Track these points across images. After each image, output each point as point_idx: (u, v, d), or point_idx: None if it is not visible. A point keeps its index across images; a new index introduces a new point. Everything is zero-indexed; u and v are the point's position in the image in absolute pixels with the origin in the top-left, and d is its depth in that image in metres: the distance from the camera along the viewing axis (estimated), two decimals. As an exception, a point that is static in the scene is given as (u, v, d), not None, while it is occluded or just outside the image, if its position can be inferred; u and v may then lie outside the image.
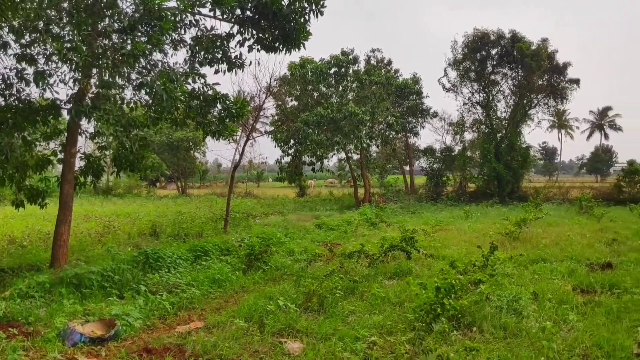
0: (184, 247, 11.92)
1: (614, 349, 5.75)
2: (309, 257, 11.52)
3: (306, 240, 15.00)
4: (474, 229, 17.62)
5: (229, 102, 12.20)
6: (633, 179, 32.83)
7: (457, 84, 36.96)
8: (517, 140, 36.15)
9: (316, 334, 6.53)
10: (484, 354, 5.52)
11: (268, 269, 10.74)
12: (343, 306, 7.63)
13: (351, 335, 6.31)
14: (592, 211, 22.14)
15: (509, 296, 7.45)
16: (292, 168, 26.10)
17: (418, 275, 9.57)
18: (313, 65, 27.00)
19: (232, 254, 11.95)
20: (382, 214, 21.86)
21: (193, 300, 8.42)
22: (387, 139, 35.49)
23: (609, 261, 10.94)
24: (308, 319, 7.09)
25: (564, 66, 35.12)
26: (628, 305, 7.50)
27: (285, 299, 7.76)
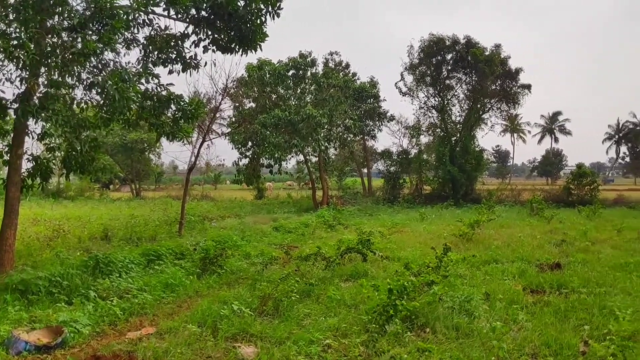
0: (136, 251, 11.64)
1: (561, 348, 5.92)
2: (265, 261, 11.44)
3: (263, 243, 14.88)
4: (429, 231, 17.89)
5: (184, 103, 12.01)
6: (581, 182, 33.98)
7: (414, 88, 37.52)
8: (471, 143, 36.98)
9: (271, 338, 6.47)
10: (437, 354, 5.59)
11: (223, 272, 10.59)
12: (299, 309, 7.60)
13: (306, 338, 6.28)
14: (543, 213, 22.83)
15: (462, 297, 7.59)
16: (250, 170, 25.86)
17: (374, 277, 9.64)
18: (271, 67, 26.88)
19: (187, 258, 11.76)
20: (340, 216, 21.94)
21: (145, 306, 8.21)
22: (345, 142, 35.70)
23: (558, 262, 11.29)
24: (263, 323, 7.03)
25: (516, 72, 36.13)
26: (575, 304, 7.75)
27: (240, 303, 7.68)
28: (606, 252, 12.78)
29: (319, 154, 29.49)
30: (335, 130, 30.51)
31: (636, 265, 10.74)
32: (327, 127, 26.79)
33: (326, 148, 28.46)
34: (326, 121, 25.75)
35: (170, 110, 12.20)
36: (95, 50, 9.75)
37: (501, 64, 35.05)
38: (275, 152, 24.05)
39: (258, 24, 11.05)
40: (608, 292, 8.51)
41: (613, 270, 10.40)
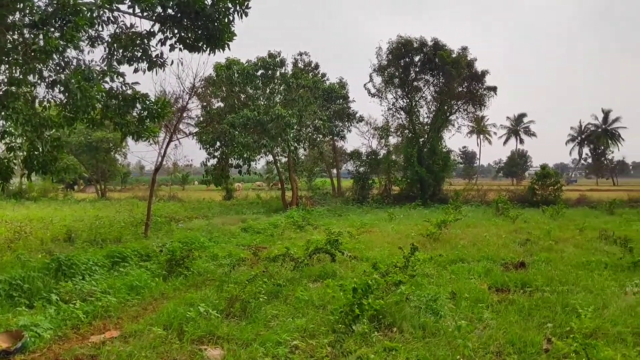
0: (100, 253, 11.39)
1: (525, 345, 6.02)
2: (233, 262, 11.34)
3: (231, 245, 14.75)
4: (397, 231, 18.02)
5: (150, 102, 11.80)
6: (545, 182, 34.73)
7: (382, 90, 37.77)
8: (439, 144, 37.44)
9: (238, 339, 6.42)
10: (403, 353, 5.62)
11: (190, 274, 10.45)
12: (266, 310, 7.55)
13: (273, 339, 6.24)
14: (508, 213, 23.26)
15: (428, 296, 7.66)
16: (218, 171, 25.56)
17: (342, 277, 9.65)
18: (239, 66, 26.68)
19: (153, 260, 11.56)
20: (309, 217, 21.92)
21: (109, 309, 8.04)
22: (315, 142, 35.73)
23: (522, 260, 11.50)
24: (230, 325, 6.96)
25: (482, 74, 36.71)
26: (539, 302, 7.90)
27: (207, 305, 7.58)
28: (569, 251, 13.08)
29: (289, 154, 29.40)
30: (305, 131, 30.49)
31: (597, 264, 11.03)
32: (296, 127, 26.72)
33: (295, 148, 28.39)
34: (295, 121, 25.68)
35: (135, 109, 11.97)
36: (58, 48, 9.51)
37: (467, 66, 35.60)
38: (244, 152, 23.86)
39: (226, 23, 10.91)
40: (570, 290, 8.71)
41: (575, 268, 10.64)
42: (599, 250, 13.09)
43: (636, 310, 7.32)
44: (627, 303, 7.73)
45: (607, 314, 7.18)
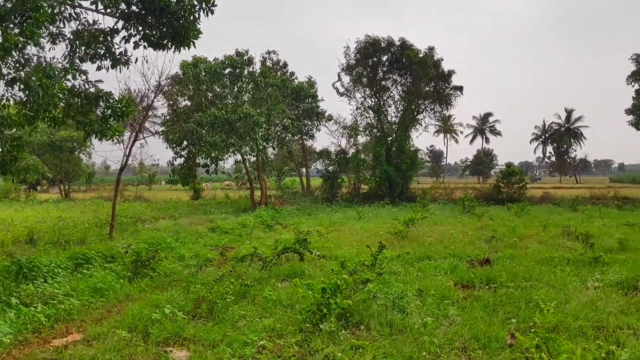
0: (63, 255, 11.11)
1: (489, 341, 6.10)
2: (200, 262, 11.20)
3: (198, 245, 14.57)
4: (366, 229, 18.11)
5: (113, 101, 11.56)
6: (510, 180, 35.40)
7: (351, 89, 37.94)
8: (407, 143, 37.78)
9: (204, 341, 6.35)
10: (370, 351, 5.64)
11: (156, 275, 10.27)
12: (234, 311, 7.47)
13: (240, 340, 6.18)
14: (474, 210, 23.66)
15: (395, 294, 7.70)
16: (186, 170, 25.29)
17: (311, 276, 9.64)
18: (206, 64, 26.39)
19: (118, 261, 11.33)
20: (278, 216, 21.86)
21: (72, 312, 7.83)
22: (284, 141, 35.63)
23: (488, 257, 11.69)
24: (196, 326, 6.87)
25: (449, 74, 37.18)
26: (503, 298, 8.03)
27: (173, 306, 7.47)
28: (533, 248, 13.36)
29: (257, 153, 29.24)
30: (274, 130, 30.37)
31: (560, 260, 11.28)
32: (265, 126, 26.59)
33: (264, 147, 28.24)
34: (264, 120, 25.55)
35: (99, 108, 11.70)
36: (17, 44, 9.25)
37: (434, 66, 36.02)
38: (211, 152, 23.64)
39: (191, 21, 10.74)
40: (534, 286, 8.89)
41: (539, 264, 10.86)
42: (561, 247, 13.40)
43: (596, 305, 7.50)
44: (588, 298, 7.92)
45: (569, 308, 7.34)
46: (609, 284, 8.87)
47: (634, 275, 9.26)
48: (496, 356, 5.66)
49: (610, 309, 7.36)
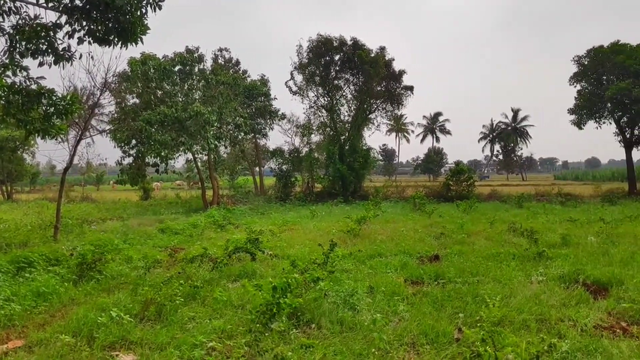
0: (4, 259, 10.63)
1: (437, 336, 6.21)
2: (149, 264, 10.94)
3: (147, 246, 14.22)
4: (319, 228, 18.15)
5: (56, 98, 11.15)
6: (459, 178, 36.26)
7: (304, 88, 37.98)
8: (359, 142, 38.13)
9: (152, 344, 6.20)
10: (321, 349, 5.64)
11: (102, 278, 9.96)
12: (183, 313, 7.33)
13: (189, 342, 6.07)
14: (424, 208, 24.11)
15: (346, 291, 7.74)
16: (134, 170, 24.69)
17: (262, 276, 9.58)
18: (155, 62, 25.81)
19: (62, 264, 10.92)
20: (231, 216, 21.63)
21: (12, 317, 7.49)
22: (236, 140, 35.29)
23: (437, 254, 11.92)
24: (144, 329, 6.70)
25: (400, 74, 37.75)
26: (451, 293, 8.20)
27: (120, 309, 7.25)
28: (480, 244, 13.71)
29: (209, 152, 28.84)
30: (226, 128, 29.99)
31: (506, 255, 11.60)
32: (216, 125, 26.24)
33: (216, 146, 27.85)
34: (215, 119, 25.21)
35: (41, 105, 11.27)
36: (-49, 38, 8.80)
37: (386, 66, 36.49)
38: (161, 151, 23.15)
39: (138, 16, 10.48)
40: (481, 281, 9.11)
41: (486, 260, 11.15)
42: (507, 242, 13.80)
43: (540, 299, 7.75)
44: (532, 292, 8.18)
45: (514, 302, 7.55)
46: (552, 278, 9.19)
47: (575, 269, 9.62)
48: (444, 351, 5.76)
49: (552, 302, 7.62)
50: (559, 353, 5.41)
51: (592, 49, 39.10)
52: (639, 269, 9.78)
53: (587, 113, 39.04)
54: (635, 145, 38.56)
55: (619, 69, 36.53)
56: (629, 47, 37.29)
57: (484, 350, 4.39)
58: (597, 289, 8.51)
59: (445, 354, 5.64)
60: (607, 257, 11.21)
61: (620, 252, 11.58)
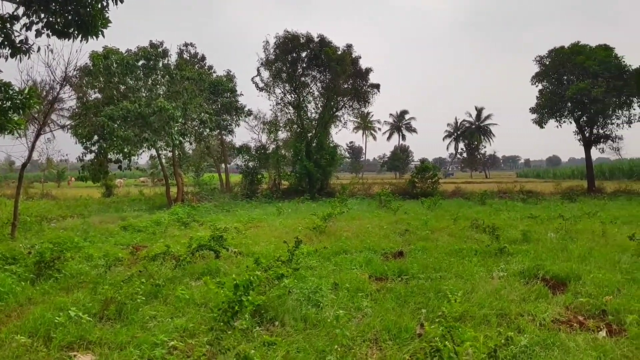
0: (-43, 257, 10.27)
1: (400, 331, 6.25)
2: (109, 262, 10.72)
3: (108, 244, 13.92)
4: (285, 225, 18.11)
5: (13, 92, 10.79)
6: (424, 176, 36.75)
7: (270, 84, 37.84)
8: (326, 139, 38.23)
9: (111, 343, 6.07)
10: (284, 346, 5.62)
11: (61, 277, 9.69)
12: (144, 312, 7.20)
13: (150, 341, 5.96)
14: (390, 205, 24.33)
15: (310, 288, 7.73)
16: (96, 166, 24.13)
17: (226, 274, 9.48)
18: (118, 56, 25.27)
19: (19, 263, 10.58)
20: (195, 213, 21.38)
21: (-35, 319, 7.26)
22: (201, 137, 34.91)
23: (401, 250, 12.05)
24: (103, 329, 6.56)
25: (366, 71, 37.96)
26: (414, 289, 8.27)
27: (79, 308, 7.08)
28: (443, 240, 13.90)
29: (173, 148, 28.43)
30: (190, 124, 29.61)
31: (468, 251, 11.79)
32: (181, 120, 25.87)
33: (180, 142, 27.48)
34: (180, 114, 24.85)
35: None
36: None
37: (352, 64, 36.65)
38: (124, 147, 22.71)
39: (99, 9, 10.22)
40: (443, 277, 9.23)
41: (448, 256, 11.30)
42: (470, 239, 14.03)
43: (501, 294, 7.90)
44: (493, 287, 8.33)
45: (475, 297, 7.68)
46: (512, 274, 9.37)
47: (535, 265, 9.82)
48: (406, 346, 5.81)
49: (512, 297, 7.77)
50: (517, 347, 5.52)
51: (553, 49, 40.09)
52: (596, 264, 10.04)
53: (548, 112, 39.99)
54: (594, 144, 39.72)
55: (578, 70, 37.56)
56: (589, 48, 38.37)
57: (442, 346, 4.44)
58: (556, 284, 8.72)
59: (407, 350, 5.69)
60: (565, 252, 11.48)
61: (578, 248, 11.88)
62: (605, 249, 11.84)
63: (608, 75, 35.62)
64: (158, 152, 29.29)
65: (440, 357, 4.37)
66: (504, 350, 5.02)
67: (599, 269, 9.59)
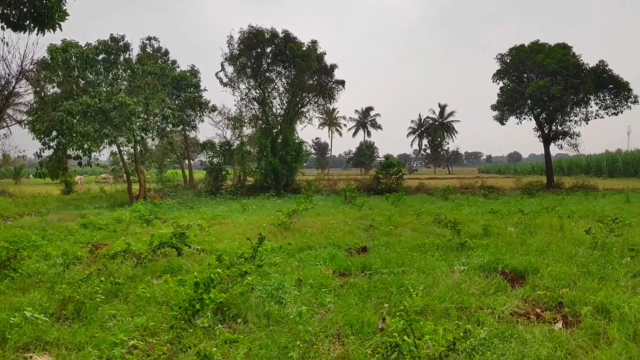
0: None
1: (362, 326, 6.30)
2: (68, 261, 10.45)
3: (67, 242, 13.58)
4: (249, 222, 18.00)
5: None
6: (389, 172, 37.08)
7: (235, 79, 37.56)
8: (292, 135, 38.16)
9: (69, 344, 5.93)
10: (246, 343, 5.59)
11: (17, 276, 9.40)
12: (103, 311, 7.06)
13: (109, 341, 5.84)
14: (355, 201, 24.49)
15: (274, 285, 7.71)
16: (55, 162, 23.49)
17: (188, 271, 9.39)
18: (77, 49, 24.60)
19: (-27, 262, 10.24)
20: (158, 210, 21.07)
21: None
22: (164, 132, 34.36)
23: (365, 245, 12.13)
24: (61, 329, 6.40)
25: (331, 68, 38.03)
26: (377, 284, 8.35)
27: (35, 308, 6.89)
28: (406, 235, 14.08)
29: (134, 144, 27.90)
30: (153, 120, 29.09)
31: (430, 246, 11.95)
32: (142, 116, 25.40)
33: (142, 138, 26.96)
34: (141, 110, 24.39)
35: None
36: None
37: (317, 60, 36.65)
38: (83, 143, 22.18)
39: (55, 1, 9.94)
40: (406, 271, 9.33)
41: (411, 251, 11.44)
42: (432, 233, 14.25)
43: (461, 288, 8.04)
44: (454, 281, 8.47)
45: (437, 291, 7.80)
46: (473, 268, 9.54)
47: (495, 259, 10.03)
48: (368, 341, 5.86)
49: (472, 290, 7.92)
50: (477, 340, 5.63)
51: (514, 47, 40.96)
52: (554, 258, 10.31)
53: (509, 109, 40.85)
54: (553, 141, 40.80)
55: (538, 68, 38.48)
56: (548, 46, 39.35)
57: (401, 340, 4.50)
58: (515, 278, 8.92)
59: (369, 344, 5.75)
60: (524, 246, 11.76)
61: (536, 242, 12.18)
62: (562, 242, 12.16)
63: (566, 73, 36.59)
64: (119, 148, 28.71)
65: (399, 351, 4.42)
66: (463, 343, 5.11)
67: (556, 262, 9.86)
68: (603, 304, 6.96)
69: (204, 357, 4.44)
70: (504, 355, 5.37)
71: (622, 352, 5.42)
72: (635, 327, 6.08)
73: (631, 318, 6.33)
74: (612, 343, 5.72)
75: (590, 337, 5.96)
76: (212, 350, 4.88)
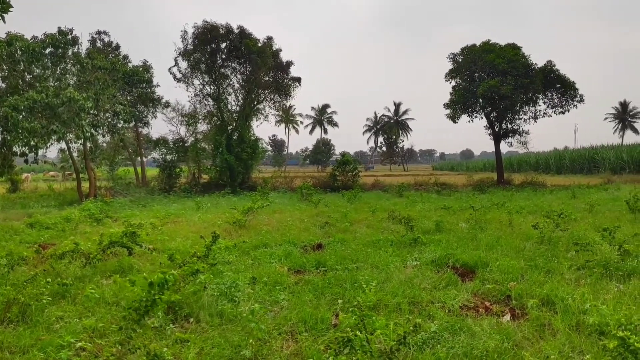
0: None
1: (316, 323, 6.33)
2: (13, 262, 10.06)
3: (13, 243, 13.09)
4: (204, 220, 17.79)
5: None
6: (345, 169, 37.33)
7: (188, 75, 36.92)
8: (247, 132, 37.84)
9: (14, 347, 5.73)
10: (198, 342, 5.54)
11: (-43, 279, 9.02)
12: (50, 313, 6.85)
13: (56, 343, 5.67)
14: (311, 198, 24.57)
15: (227, 283, 7.66)
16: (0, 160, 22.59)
17: (140, 271, 9.21)
18: (23, 43, 23.67)
19: None
20: (109, 209, 20.55)
21: None
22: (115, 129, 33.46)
23: (320, 242, 12.18)
24: (5, 332, 6.17)
25: (287, 65, 37.90)
26: (331, 281, 8.40)
27: (-24, 312, 6.62)
28: (362, 231, 14.21)
29: (84, 141, 27.09)
30: (103, 116, 28.29)
31: (385, 242, 12.11)
32: (92, 112, 24.69)
33: (92, 135, 26.17)
34: (91, 105, 23.68)
35: None
36: None
37: (273, 56, 36.45)
38: (30, 140, 21.37)
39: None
40: (360, 267, 9.44)
41: (366, 247, 11.56)
42: (387, 230, 14.42)
43: (413, 282, 8.18)
44: (407, 276, 8.61)
45: (389, 287, 7.90)
46: (425, 263, 9.72)
47: (446, 254, 10.26)
48: (321, 337, 5.89)
49: (424, 285, 8.08)
50: (427, 333, 5.74)
51: (465, 47, 41.84)
52: (503, 252, 10.61)
53: (461, 108, 41.68)
54: (503, 138, 41.93)
55: (489, 67, 39.42)
56: (498, 46, 40.36)
57: (353, 336, 4.54)
58: (465, 272, 9.13)
59: (323, 340, 5.77)
60: (475, 241, 12.05)
61: (486, 237, 12.50)
62: (511, 237, 12.52)
63: (516, 73, 37.60)
64: (68, 145, 27.78)
65: (352, 347, 4.46)
66: (414, 337, 5.20)
67: (505, 256, 10.14)
68: (548, 296, 7.22)
69: (153, 357, 4.37)
70: (454, 347, 5.49)
71: (565, 342, 5.63)
72: (578, 318, 6.32)
73: (574, 309, 6.59)
74: (557, 334, 5.93)
75: (536, 328, 6.16)
76: (162, 350, 4.80)
